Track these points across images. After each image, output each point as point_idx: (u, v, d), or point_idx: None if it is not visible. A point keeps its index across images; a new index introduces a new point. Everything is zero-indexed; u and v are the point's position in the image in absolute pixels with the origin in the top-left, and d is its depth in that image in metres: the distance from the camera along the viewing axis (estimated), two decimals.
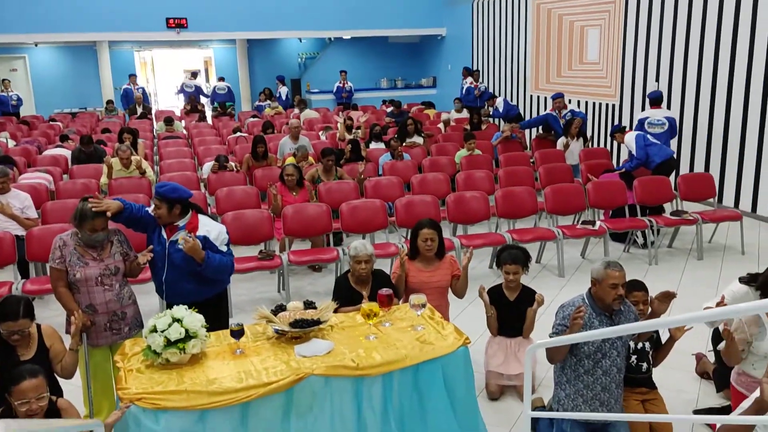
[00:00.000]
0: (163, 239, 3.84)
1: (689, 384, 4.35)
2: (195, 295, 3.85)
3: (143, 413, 2.83)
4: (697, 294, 5.45)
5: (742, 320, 3.47)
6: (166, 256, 3.82)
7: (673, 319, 2.41)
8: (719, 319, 3.75)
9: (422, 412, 3.38)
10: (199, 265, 3.80)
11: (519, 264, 4.23)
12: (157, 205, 3.80)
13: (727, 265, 6.59)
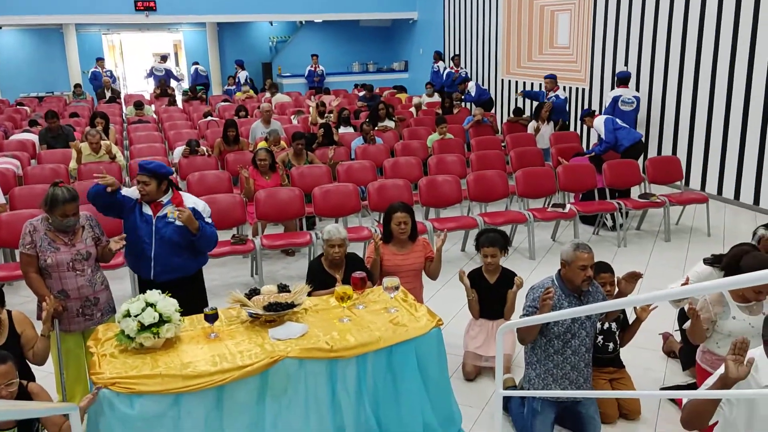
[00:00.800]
0: (147, 216, 3.90)
1: (656, 363, 4.46)
2: (183, 270, 3.99)
3: (117, 398, 2.82)
4: (665, 275, 5.58)
5: (707, 300, 3.57)
6: (153, 233, 3.88)
7: (639, 298, 2.47)
8: (684, 298, 3.86)
9: (396, 394, 3.42)
10: (194, 235, 3.89)
11: (497, 247, 4.28)
12: (145, 182, 3.84)
13: (694, 246, 6.75)
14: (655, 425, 3.76)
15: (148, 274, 3.93)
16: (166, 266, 3.92)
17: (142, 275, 4.00)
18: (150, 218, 3.89)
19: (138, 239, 3.87)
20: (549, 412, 3.52)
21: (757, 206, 7.93)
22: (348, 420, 3.33)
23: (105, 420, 2.81)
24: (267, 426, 3.14)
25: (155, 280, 3.87)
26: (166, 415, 2.91)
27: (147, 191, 3.86)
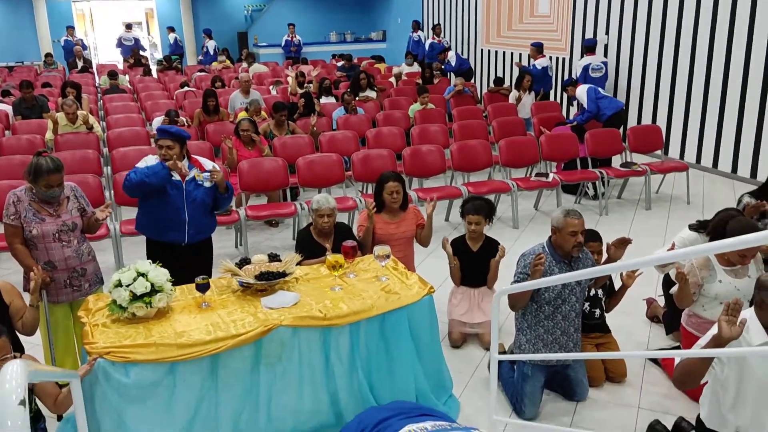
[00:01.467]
0: (176, 182, 3.95)
1: (640, 327, 4.55)
2: (209, 229, 4.21)
3: (112, 367, 2.79)
4: (646, 243, 5.65)
5: (694, 264, 3.63)
6: (185, 197, 3.96)
7: (629, 263, 2.49)
8: (670, 264, 3.93)
9: (389, 360, 3.44)
10: (222, 194, 4.11)
11: (481, 215, 4.29)
12: (169, 146, 3.91)
13: (674, 214, 6.85)
14: (641, 387, 3.85)
15: (182, 238, 4.03)
16: (198, 228, 4.06)
17: (175, 240, 4.04)
18: (180, 183, 3.96)
19: (169, 206, 3.94)
20: (539, 376, 3.57)
21: (734, 174, 8.05)
22: (341, 386, 3.34)
23: (100, 389, 2.79)
24: (261, 393, 3.15)
25: (189, 243, 4.04)
26: (161, 384, 2.90)
27: (173, 155, 3.91)
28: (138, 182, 3.85)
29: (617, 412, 3.64)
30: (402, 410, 1.94)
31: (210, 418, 3.06)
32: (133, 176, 3.87)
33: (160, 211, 3.96)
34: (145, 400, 2.88)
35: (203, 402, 3.02)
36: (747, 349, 2.48)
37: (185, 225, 3.99)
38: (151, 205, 3.98)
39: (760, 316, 2.63)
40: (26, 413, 1.36)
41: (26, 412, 1.36)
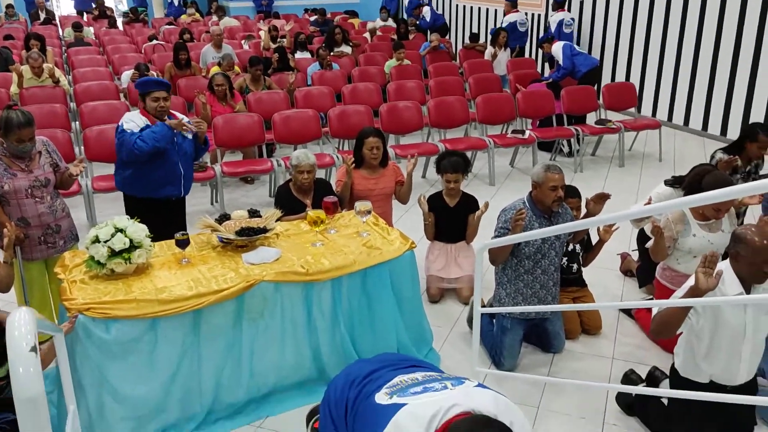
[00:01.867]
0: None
1: (614, 282, 4.64)
2: (192, 181, 4.24)
3: (93, 323, 2.76)
4: (620, 199, 5.72)
5: (669, 219, 3.69)
6: (177, 151, 3.98)
7: (607, 217, 2.54)
8: (645, 218, 3.98)
9: (371, 315, 3.46)
10: (202, 146, 4.16)
11: (459, 172, 4.29)
12: (164, 97, 3.92)
13: (646, 171, 6.94)
14: (615, 339, 3.94)
15: (178, 191, 4.07)
16: (189, 179, 4.13)
17: (172, 194, 4.06)
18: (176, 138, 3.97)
19: (168, 162, 3.93)
20: (518, 329, 3.63)
21: (705, 132, 8.17)
22: (324, 341, 3.37)
23: (81, 345, 2.76)
24: (244, 349, 3.15)
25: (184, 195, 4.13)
26: (142, 340, 2.88)
27: (166, 107, 3.91)
28: (150, 150, 3.82)
29: (592, 362, 3.73)
30: (391, 362, 1.94)
31: (192, 374, 3.05)
32: (143, 145, 3.79)
33: (158, 169, 3.93)
34: (127, 356, 2.86)
35: (185, 357, 3.02)
36: (722, 299, 2.54)
37: (181, 178, 4.04)
38: (148, 164, 3.92)
39: (735, 267, 2.69)
40: (38, 360, 1.34)
41: (38, 359, 1.34)
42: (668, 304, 2.73)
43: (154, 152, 3.85)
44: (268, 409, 3.26)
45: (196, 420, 3.08)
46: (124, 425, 2.91)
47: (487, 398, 1.67)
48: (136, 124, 3.85)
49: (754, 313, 2.68)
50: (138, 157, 3.83)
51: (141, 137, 3.81)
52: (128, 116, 3.92)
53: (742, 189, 1.71)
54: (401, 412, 1.60)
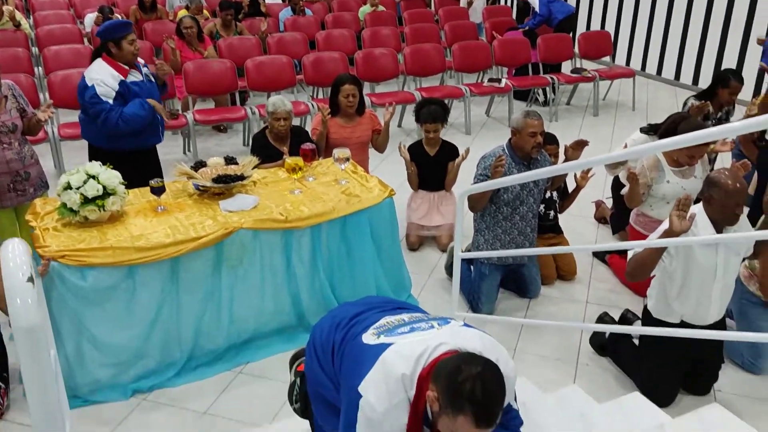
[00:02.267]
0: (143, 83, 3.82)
1: (588, 229, 4.71)
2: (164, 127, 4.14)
3: (68, 270, 2.72)
4: (594, 148, 5.73)
5: (644, 165, 3.73)
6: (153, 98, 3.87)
7: (586, 161, 2.54)
8: (621, 165, 4.02)
9: (350, 262, 3.47)
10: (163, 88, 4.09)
11: (438, 122, 4.26)
12: (134, 38, 3.74)
13: (620, 121, 6.99)
14: (589, 284, 4.02)
15: (158, 139, 3.97)
16: (163, 125, 4.00)
17: (153, 142, 3.97)
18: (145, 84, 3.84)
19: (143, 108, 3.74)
20: (496, 275, 3.68)
21: (677, 81, 8.22)
22: (303, 288, 3.37)
23: (57, 292, 2.72)
24: (223, 296, 3.14)
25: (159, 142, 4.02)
26: (120, 287, 2.85)
27: (138, 49, 3.77)
28: (143, 118, 3.71)
29: (567, 306, 3.81)
30: (377, 304, 1.95)
31: (172, 321, 3.04)
32: (126, 127, 3.65)
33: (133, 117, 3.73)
34: (104, 303, 2.83)
35: (164, 305, 3.00)
36: (694, 239, 2.59)
37: (159, 125, 3.93)
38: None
39: (707, 211, 2.75)
40: (35, 290, 1.31)
41: (35, 290, 1.31)
42: (642, 245, 2.79)
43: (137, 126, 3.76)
44: (248, 355, 3.27)
45: (177, 366, 3.09)
46: (104, 371, 2.90)
47: (473, 337, 1.69)
48: (108, 85, 3.60)
49: (725, 255, 2.75)
50: (129, 128, 3.69)
51: (124, 118, 3.62)
52: (96, 73, 3.63)
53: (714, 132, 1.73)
54: (388, 351, 1.61)
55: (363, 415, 1.57)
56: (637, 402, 2.20)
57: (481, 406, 1.45)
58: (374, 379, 1.58)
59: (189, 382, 3.08)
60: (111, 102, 3.61)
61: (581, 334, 3.50)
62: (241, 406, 2.96)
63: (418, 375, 1.56)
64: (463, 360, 1.52)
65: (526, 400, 2.35)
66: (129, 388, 2.97)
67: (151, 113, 3.76)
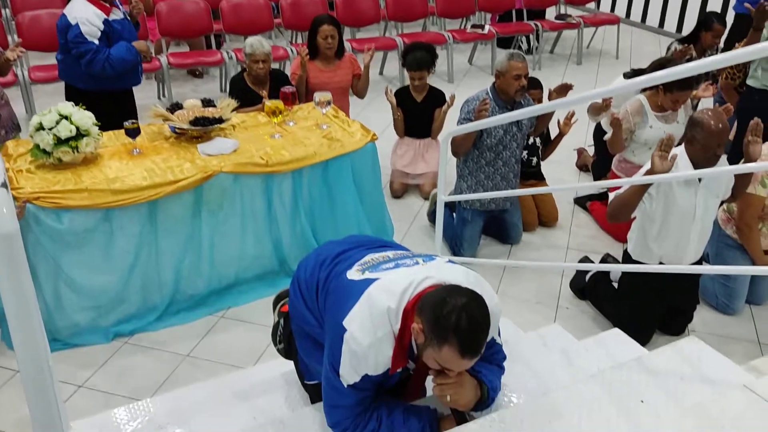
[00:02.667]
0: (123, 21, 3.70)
1: (570, 176, 4.72)
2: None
3: (43, 212, 2.66)
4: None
5: (628, 110, 3.72)
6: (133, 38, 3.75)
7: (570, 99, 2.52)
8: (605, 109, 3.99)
9: (332, 206, 3.44)
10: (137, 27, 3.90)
11: (424, 69, 4.17)
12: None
13: (603, 69, 6.94)
14: (570, 230, 4.05)
15: (137, 79, 3.85)
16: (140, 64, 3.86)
17: (128, 85, 3.85)
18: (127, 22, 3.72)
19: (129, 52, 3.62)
20: (478, 220, 3.68)
21: (662, 29, 8.16)
22: (284, 233, 3.34)
23: (32, 235, 2.67)
24: (204, 240, 3.10)
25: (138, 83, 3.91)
26: (96, 230, 2.80)
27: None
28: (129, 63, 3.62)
29: (548, 252, 3.84)
30: (361, 243, 1.93)
31: (151, 265, 3.01)
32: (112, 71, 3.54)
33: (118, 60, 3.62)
34: (81, 246, 2.79)
35: (143, 249, 2.96)
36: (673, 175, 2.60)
37: (139, 65, 3.81)
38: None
39: (689, 151, 2.75)
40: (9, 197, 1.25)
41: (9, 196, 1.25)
42: (623, 183, 2.80)
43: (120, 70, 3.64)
44: (230, 300, 3.26)
45: (158, 311, 3.07)
46: (83, 315, 2.87)
47: (458, 272, 1.68)
48: (93, 24, 3.45)
49: (704, 197, 2.77)
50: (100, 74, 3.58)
51: (111, 62, 3.51)
52: (79, 11, 3.46)
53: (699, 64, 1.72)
54: (373, 286, 1.60)
55: (348, 348, 1.56)
56: (615, 338, 2.24)
57: (465, 336, 1.45)
58: (359, 313, 1.57)
59: (170, 326, 3.07)
60: (96, 42, 3.48)
61: (561, 278, 3.53)
62: (224, 349, 2.96)
63: (403, 308, 1.55)
64: (448, 292, 1.51)
65: (508, 338, 2.38)
66: (110, 331, 2.96)
67: (137, 57, 3.66)
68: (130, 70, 3.70)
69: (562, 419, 1.66)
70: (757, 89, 3.92)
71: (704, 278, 3.24)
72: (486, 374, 1.72)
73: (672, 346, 1.96)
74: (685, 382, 1.79)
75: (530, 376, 1.97)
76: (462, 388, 1.63)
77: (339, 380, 1.61)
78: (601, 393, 1.75)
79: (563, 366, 2.03)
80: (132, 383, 2.74)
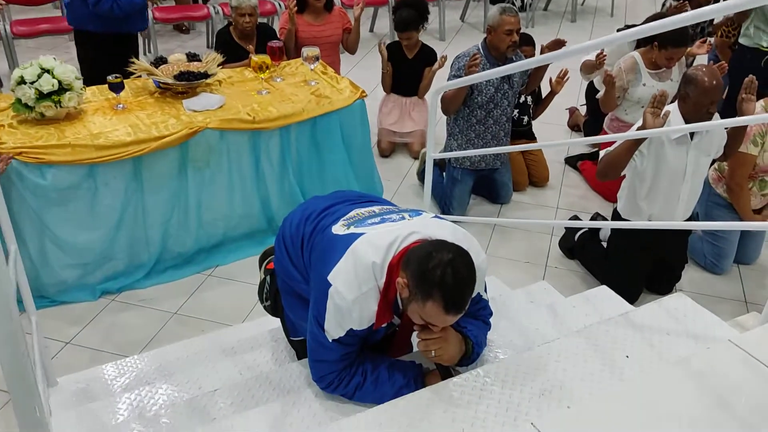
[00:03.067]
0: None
1: (562, 136, 4.68)
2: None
3: (26, 168, 2.61)
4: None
5: (621, 68, 3.67)
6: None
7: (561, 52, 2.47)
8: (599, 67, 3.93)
9: (320, 164, 3.40)
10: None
11: (411, 30, 4.08)
12: None
13: (597, 27, 6.85)
14: (560, 190, 4.03)
15: (144, 23, 3.79)
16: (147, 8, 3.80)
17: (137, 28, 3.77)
18: None
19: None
20: (468, 179, 3.66)
21: None
22: (272, 191, 3.32)
23: (16, 190, 2.62)
24: (191, 198, 3.07)
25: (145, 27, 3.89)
26: (81, 186, 2.76)
27: None
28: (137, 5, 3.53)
29: (538, 212, 3.83)
30: (347, 198, 1.90)
31: (138, 223, 2.98)
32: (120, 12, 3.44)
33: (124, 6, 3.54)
34: (66, 203, 2.75)
35: (129, 206, 2.92)
36: (664, 129, 2.57)
37: (146, 9, 3.73)
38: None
39: (682, 108, 2.72)
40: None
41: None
42: (615, 138, 2.78)
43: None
44: (218, 258, 3.25)
45: (145, 268, 3.05)
46: (70, 272, 2.85)
47: (445, 228, 1.66)
48: None
49: (695, 155, 2.75)
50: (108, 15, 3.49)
51: (119, 3, 3.42)
52: None
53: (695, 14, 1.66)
54: (359, 241, 1.58)
55: (332, 303, 1.55)
56: (603, 294, 2.24)
57: (450, 292, 1.44)
58: (344, 268, 1.55)
59: (158, 284, 3.06)
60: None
61: (550, 238, 3.53)
62: (212, 307, 2.95)
63: (388, 263, 1.54)
64: (434, 247, 1.49)
65: (495, 295, 2.38)
66: (97, 288, 2.94)
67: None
68: (137, 12, 3.62)
69: (546, 372, 1.66)
70: (749, 48, 3.87)
71: (692, 237, 3.25)
72: (471, 329, 1.71)
73: (658, 302, 1.96)
74: (671, 337, 1.79)
75: (517, 332, 1.97)
76: (446, 343, 1.63)
77: (324, 335, 1.61)
78: (586, 347, 1.75)
79: (550, 322, 2.03)
80: (119, 340, 2.74)
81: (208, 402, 1.89)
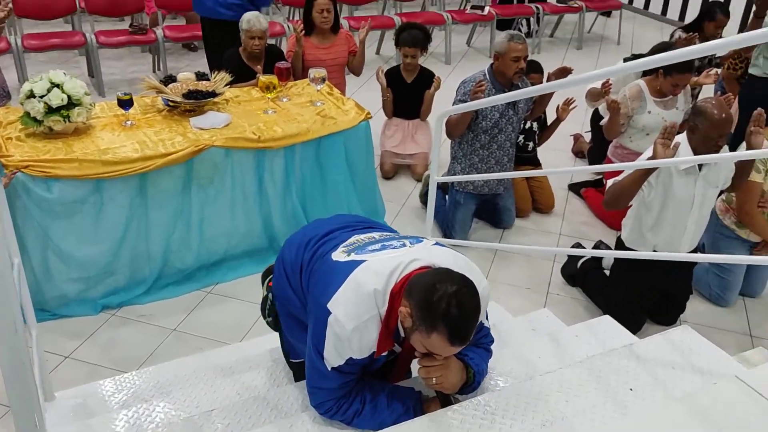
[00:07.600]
0: None
1: (566, 162, 4.69)
2: None
3: (32, 181, 2.62)
4: None
5: (626, 95, 3.68)
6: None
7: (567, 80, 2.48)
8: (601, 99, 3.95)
9: (323, 185, 3.41)
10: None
11: (418, 47, 4.12)
12: None
13: (604, 55, 6.89)
14: (563, 216, 4.03)
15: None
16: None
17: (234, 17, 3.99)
18: None
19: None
20: (470, 204, 3.65)
21: (664, 17, 8.10)
22: (275, 210, 3.32)
23: (21, 203, 2.63)
24: (193, 215, 3.08)
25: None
26: (87, 201, 2.77)
27: None
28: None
29: (540, 238, 3.82)
30: (347, 223, 1.90)
31: (140, 238, 2.98)
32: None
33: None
34: (71, 216, 2.76)
35: (133, 221, 2.93)
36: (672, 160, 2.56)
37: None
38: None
39: (691, 140, 2.72)
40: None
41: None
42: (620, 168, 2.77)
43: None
44: (218, 275, 3.24)
45: (146, 284, 3.05)
46: (72, 286, 2.85)
47: (447, 255, 1.65)
48: None
49: (703, 186, 2.75)
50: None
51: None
52: None
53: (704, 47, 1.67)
54: (360, 268, 1.57)
55: (331, 331, 1.54)
56: (606, 324, 2.22)
57: (456, 325, 1.43)
58: (344, 296, 1.54)
59: (158, 300, 3.05)
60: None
61: (552, 265, 3.52)
62: (211, 324, 2.94)
63: (390, 290, 1.53)
64: (438, 277, 1.48)
65: (497, 323, 2.37)
66: (98, 303, 2.94)
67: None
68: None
69: (547, 403, 1.65)
70: (759, 77, 3.88)
71: (698, 269, 3.23)
72: (473, 357, 1.70)
73: (663, 334, 1.94)
74: (676, 371, 1.77)
75: (518, 361, 1.95)
76: (448, 371, 1.62)
77: (323, 363, 1.59)
78: (589, 378, 1.73)
79: (551, 351, 2.02)
80: (118, 356, 2.72)
81: (204, 422, 1.87)
